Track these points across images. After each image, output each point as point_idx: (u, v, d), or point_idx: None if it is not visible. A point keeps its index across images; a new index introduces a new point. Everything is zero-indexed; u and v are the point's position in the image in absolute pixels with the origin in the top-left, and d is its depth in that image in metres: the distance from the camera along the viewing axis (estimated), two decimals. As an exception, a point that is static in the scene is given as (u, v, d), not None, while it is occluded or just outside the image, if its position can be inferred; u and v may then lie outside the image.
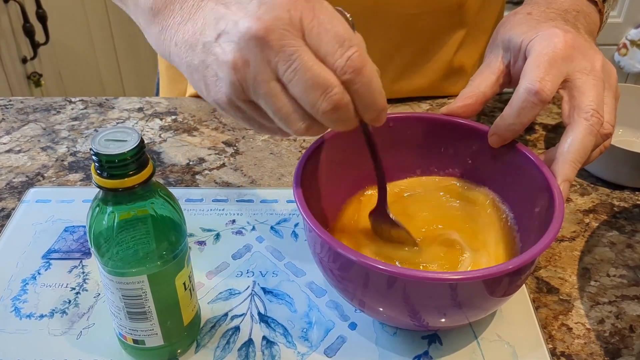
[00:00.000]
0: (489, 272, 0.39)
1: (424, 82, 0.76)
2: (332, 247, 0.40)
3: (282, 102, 0.38)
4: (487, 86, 0.51)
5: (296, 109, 0.38)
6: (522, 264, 0.39)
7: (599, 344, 0.48)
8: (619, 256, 0.56)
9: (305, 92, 0.37)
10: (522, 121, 0.47)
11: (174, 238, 0.41)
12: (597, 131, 0.46)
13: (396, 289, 0.41)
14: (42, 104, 0.77)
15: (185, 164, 0.67)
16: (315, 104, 0.37)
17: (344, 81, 0.37)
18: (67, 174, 0.65)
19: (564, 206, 0.43)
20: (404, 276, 0.39)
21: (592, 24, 0.56)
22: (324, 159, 0.50)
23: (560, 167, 0.45)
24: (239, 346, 0.47)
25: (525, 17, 0.53)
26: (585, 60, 0.47)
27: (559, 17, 0.52)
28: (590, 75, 0.47)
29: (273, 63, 0.37)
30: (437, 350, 0.47)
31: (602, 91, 0.47)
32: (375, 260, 0.39)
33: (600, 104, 0.46)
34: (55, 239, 0.56)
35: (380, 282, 0.41)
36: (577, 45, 0.48)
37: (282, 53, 0.36)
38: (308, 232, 0.45)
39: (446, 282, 0.39)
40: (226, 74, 0.38)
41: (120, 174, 0.37)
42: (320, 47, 0.37)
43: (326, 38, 0.37)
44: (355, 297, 0.44)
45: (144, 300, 0.41)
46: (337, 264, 0.43)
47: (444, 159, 0.54)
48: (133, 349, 0.45)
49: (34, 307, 0.50)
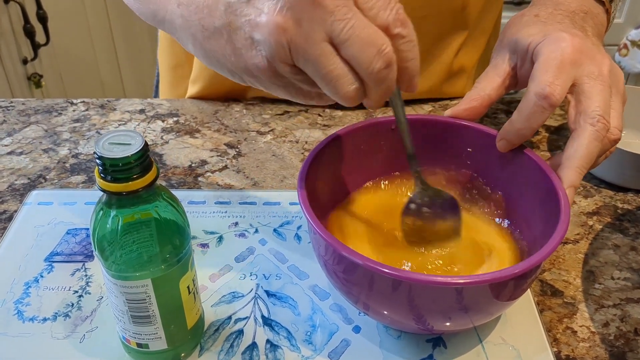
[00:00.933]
0: (495, 277, 0.39)
1: (426, 84, 0.76)
2: (337, 249, 0.40)
3: (334, 64, 0.37)
4: (493, 89, 0.51)
5: (347, 71, 0.38)
6: (528, 268, 0.39)
7: (603, 347, 0.48)
8: (623, 259, 0.56)
9: (361, 51, 0.36)
10: (532, 126, 0.47)
11: (177, 241, 0.41)
12: (603, 137, 0.45)
13: (401, 292, 0.40)
14: (44, 105, 0.77)
15: (187, 166, 0.67)
16: (372, 62, 0.37)
17: (394, 35, 0.37)
18: (69, 176, 0.65)
19: (569, 210, 0.43)
20: (408, 280, 0.39)
21: (600, 24, 0.56)
22: (328, 160, 0.50)
23: (566, 172, 0.45)
24: (243, 350, 0.47)
25: (533, 19, 0.52)
26: (593, 65, 0.47)
27: (567, 19, 0.52)
28: (598, 80, 0.47)
29: (328, 23, 0.36)
30: (441, 354, 0.47)
31: (609, 96, 0.47)
32: (379, 264, 0.39)
33: (607, 109, 0.46)
34: (58, 242, 0.56)
35: (384, 286, 0.40)
36: (585, 49, 0.48)
37: (337, 12, 0.36)
38: (312, 234, 0.45)
39: (452, 286, 0.39)
40: (270, 36, 0.37)
41: (124, 177, 0.36)
42: (372, 4, 0.37)
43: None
44: (359, 300, 0.44)
45: (148, 304, 0.41)
46: (341, 266, 0.42)
47: (450, 162, 0.54)
48: (137, 352, 0.44)
49: (36, 310, 0.50)
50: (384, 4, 0.37)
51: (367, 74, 0.37)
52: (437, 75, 0.76)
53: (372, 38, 0.36)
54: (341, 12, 0.36)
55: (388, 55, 0.37)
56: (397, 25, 0.37)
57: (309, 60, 0.37)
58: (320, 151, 0.49)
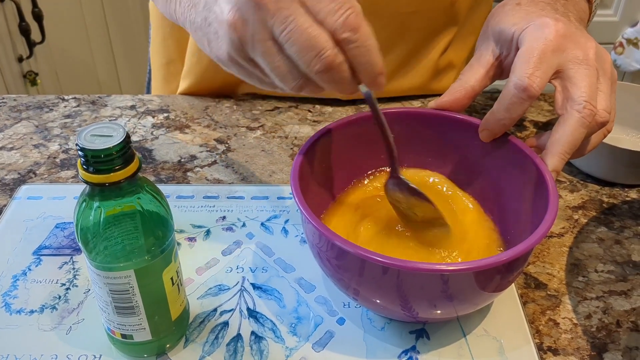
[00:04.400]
0: (482, 264, 0.39)
1: (415, 81, 0.77)
2: (330, 239, 0.41)
3: (278, 61, 0.40)
4: (476, 80, 0.51)
5: (291, 69, 0.40)
6: (515, 256, 0.39)
7: (585, 339, 0.48)
8: (608, 252, 0.56)
9: (299, 53, 0.39)
10: (512, 116, 0.47)
11: (161, 233, 0.41)
12: (588, 123, 0.46)
13: (390, 278, 0.41)
14: (35, 101, 0.78)
15: (176, 161, 0.67)
16: (310, 64, 0.39)
17: (341, 40, 0.39)
18: (59, 171, 0.65)
19: (557, 196, 0.44)
20: (397, 267, 0.39)
21: (582, 11, 0.57)
22: (322, 151, 0.51)
23: (550, 158, 0.46)
24: (228, 341, 0.47)
25: (515, 7, 0.53)
26: (578, 49, 0.47)
27: (548, 7, 0.52)
28: (583, 64, 0.47)
29: (269, 24, 0.39)
30: (424, 345, 0.47)
31: (595, 80, 0.47)
32: (369, 252, 0.39)
33: (593, 93, 0.46)
34: (46, 236, 0.56)
35: (375, 272, 0.41)
36: (569, 34, 0.48)
37: (277, 15, 0.38)
38: (305, 223, 0.45)
39: (438, 272, 0.39)
40: (225, 32, 0.40)
41: (106, 169, 0.37)
42: (318, 8, 0.39)
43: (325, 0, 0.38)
44: (350, 286, 0.45)
45: (132, 294, 0.41)
46: (333, 254, 0.43)
47: (434, 153, 0.54)
48: (122, 343, 0.45)
49: (24, 302, 0.50)
50: (332, 9, 0.38)
51: (308, 73, 0.40)
52: (426, 71, 0.77)
53: (311, 42, 0.38)
54: (282, 15, 0.38)
55: (327, 59, 0.39)
56: (345, 30, 0.38)
57: (258, 56, 0.41)
58: (315, 142, 0.50)
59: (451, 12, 0.74)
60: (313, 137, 0.50)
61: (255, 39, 0.39)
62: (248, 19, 0.39)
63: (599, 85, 0.47)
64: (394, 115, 0.53)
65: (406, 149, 0.54)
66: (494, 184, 0.52)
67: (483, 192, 0.53)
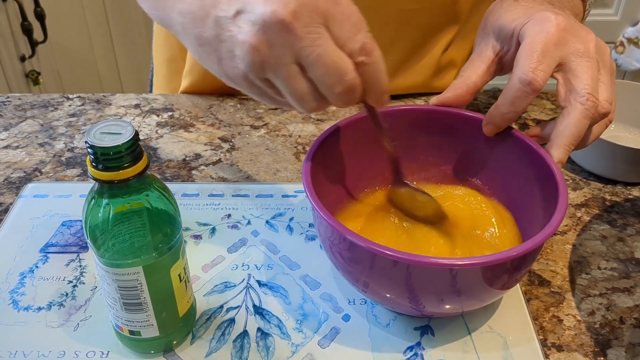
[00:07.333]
0: (491, 259, 0.39)
1: (417, 79, 0.77)
2: (342, 234, 0.41)
3: (300, 84, 0.41)
4: (478, 76, 0.52)
5: (312, 90, 0.41)
6: (526, 251, 0.40)
7: (589, 335, 0.48)
8: (610, 249, 0.57)
9: (324, 76, 0.40)
10: (516, 110, 0.48)
11: (169, 230, 0.42)
12: (591, 114, 0.47)
13: (400, 272, 0.41)
14: (40, 100, 0.78)
15: (181, 160, 0.67)
16: (333, 86, 0.40)
17: (358, 63, 0.40)
18: (65, 170, 0.66)
19: (567, 190, 0.44)
20: (407, 261, 0.40)
21: (576, 7, 0.58)
22: (334, 149, 0.51)
23: (555, 150, 0.47)
24: (234, 337, 0.47)
25: (512, 4, 0.53)
26: (579, 42, 0.48)
27: (545, 2, 0.53)
28: (584, 57, 0.48)
29: (297, 48, 0.39)
30: (429, 341, 0.48)
31: (596, 72, 0.48)
32: (381, 246, 0.40)
33: (595, 85, 0.47)
34: (53, 233, 0.57)
35: (385, 267, 0.42)
36: (569, 27, 0.49)
37: (306, 39, 0.39)
38: (317, 218, 0.46)
39: (447, 267, 0.40)
40: (246, 53, 0.40)
41: (115, 166, 0.37)
42: (342, 33, 0.40)
43: (348, 25, 0.40)
44: (359, 279, 0.45)
45: (140, 291, 0.42)
46: (345, 248, 0.44)
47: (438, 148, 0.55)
48: (129, 340, 0.45)
49: (31, 299, 0.50)
50: (351, 35, 0.40)
51: (328, 94, 0.41)
52: (428, 69, 0.77)
53: (337, 65, 0.40)
54: (310, 39, 0.39)
55: (350, 82, 0.40)
56: (361, 54, 0.40)
57: (277, 78, 0.41)
58: (326, 139, 0.50)
59: (453, 10, 0.74)
60: (324, 134, 0.50)
61: (280, 62, 0.39)
62: (274, 42, 0.39)
63: (599, 77, 0.48)
64: (398, 113, 0.53)
65: (409, 147, 0.54)
66: (501, 179, 0.52)
67: (489, 187, 0.53)
